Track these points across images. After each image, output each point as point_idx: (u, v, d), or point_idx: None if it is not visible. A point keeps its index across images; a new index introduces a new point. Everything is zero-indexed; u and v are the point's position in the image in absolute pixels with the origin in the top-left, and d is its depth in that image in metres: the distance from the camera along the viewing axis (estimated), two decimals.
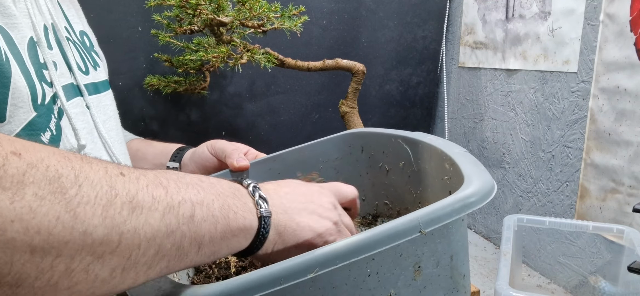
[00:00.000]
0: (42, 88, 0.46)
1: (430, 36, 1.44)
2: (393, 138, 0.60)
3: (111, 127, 0.60)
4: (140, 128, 1.14)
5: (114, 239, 0.30)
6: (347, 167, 0.66)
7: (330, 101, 1.32)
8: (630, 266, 0.75)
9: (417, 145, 0.57)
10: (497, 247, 1.31)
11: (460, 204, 0.38)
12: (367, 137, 0.65)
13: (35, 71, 0.46)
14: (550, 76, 1.10)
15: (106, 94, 0.62)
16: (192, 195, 0.36)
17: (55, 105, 0.48)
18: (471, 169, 0.45)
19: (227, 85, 1.22)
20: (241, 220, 0.38)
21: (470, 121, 1.40)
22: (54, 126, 0.47)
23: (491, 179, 0.43)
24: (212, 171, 0.66)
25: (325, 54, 1.25)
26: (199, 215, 0.35)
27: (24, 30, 0.46)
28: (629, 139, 0.90)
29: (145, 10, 0.96)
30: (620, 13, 0.91)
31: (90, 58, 0.61)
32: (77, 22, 0.63)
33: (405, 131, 0.60)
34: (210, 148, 0.67)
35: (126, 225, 0.31)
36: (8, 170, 0.26)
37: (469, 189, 0.40)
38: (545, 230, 1.11)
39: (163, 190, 0.34)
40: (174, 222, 0.33)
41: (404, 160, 0.59)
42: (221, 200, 0.38)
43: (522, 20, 1.17)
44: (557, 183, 1.10)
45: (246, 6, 0.90)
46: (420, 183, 0.57)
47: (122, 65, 1.08)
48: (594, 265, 1.00)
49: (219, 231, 0.37)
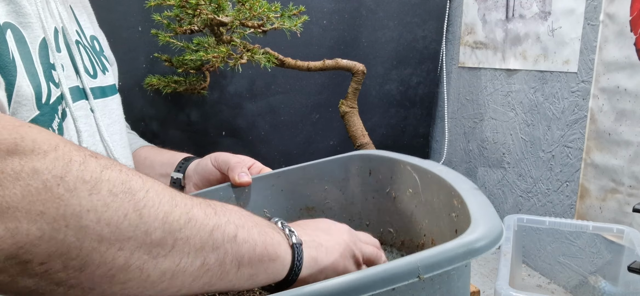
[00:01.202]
0: (48, 88, 0.47)
1: (430, 36, 1.44)
2: (402, 165, 0.58)
3: (115, 131, 0.60)
4: (140, 128, 1.14)
5: (169, 243, 0.33)
6: (353, 189, 0.64)
7: (330, 101, 1.32)
8: (630, 266, 0.75)
9: (426, 175, 0.54)
10: (497, 247, 1.31)
11: (463, 250, 0.36)
12: (376, 160, 0.62)
13: (44, 71, 0.47)
14: (550, 76, 1.10)
15: (113, 99, 0.63)
16: (235, 218, 0.38)
17: (60, 105, 0.49)
18: (479, 211, 0.42)
19: (227, 85, 1.22)
20: (277, 246, 0.41)
21: (470, 121, 1.40)
22: (56, 126, 0.47)
23: (500, 223, 0.40)
24: (215, 183, 0.65)
25: (325, 54, 1.25)
26: (241, 236, 0.38)
27: (37, 30, 0.47)
28: (629, 139, 0.90)
29: (145, 10, 0.96)
30: (620, 13, 0.91)
31: (99, 62, 0.62)
32: (89, 26, 0.64)
33: (417, 158, 0.57)
34: (213, 161, 0.67)
35: (181, 233, 0.33)
36: (88, 166, 0.30)
37: (474, 234, 0.37)
38: (545, 230, 1.11)
39: (212, 210, 0.37)
40: (219, 238, 0.36)
41: (412, 188, 0.56)
42: (259, 227, 0.40)
43: (522, 20, 1.17)
44: (557, 183, 1.10)
45: (246, 6, 0.90)
46: (427, 215, 0.55)
47: (122, 65, 1.07)
48: (594, 265, 1.00)
49: (258, 254, 0.39)
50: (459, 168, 1.47)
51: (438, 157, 1.58)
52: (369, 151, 0.64)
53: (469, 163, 1.43)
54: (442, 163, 1.54)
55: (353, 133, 1.07)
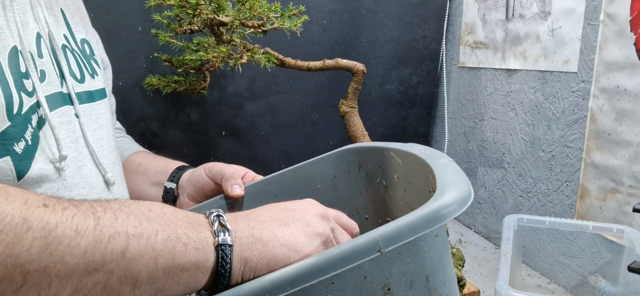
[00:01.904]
0: (20, 98, 0.44)
1: (430, 36, 1.44)
2: (386, 152, 0.58)
3: (102, 136, 0.58)
4: (140, 128, 1.14)
5: (18, 279, 0.28)
6: (346, 185, 0.63)
7: (330, 101, 1.32)
8: (630, 266, 0.75)
9: (407, 157, 0.54)
10: (497, 247, 1.31)
11: (425, 219, 0.34)
12: (363, 152, 0.62)
13: (15, 80, 0.44)
14: (550, 76, 1.10)
15: (101, 103, 0.61)
16: (130, 227, 0.33)
17: (34, 114, 0.46)
18: (447, 179, 0.41)
19: (227, 85, 1.22)
20: (192, 253, 0.35)
21: (470, 121, 1.40)
22: (29, 136, 0.45)
23: (467, 188, 0.39)
24: (210, 194, 0.65)
25: (325, 54, 1.25)
26: (133, 249, 0.32)
27: (7, 39, 0.45)
28: (629, 139, 0.90)
29: (145, 10, 0.96)
30: (620, 13, 0.91)
31: (88, 66, 0.60)
32: (81, 29, 0.62)
33: (398, 143, 0.58)
34: (207, 172, 0.65)
35: (33, 264, 0.28)
36: None
37: (437, 202, 0.36)
38: (545, 230, 1.11)
39: (94, 221, 0.32)
40: (98, 258, 0.31)
41: (397, 173, 0.56)
42: (169, 230, 0.35)
43: (522, 20, 1.17)
44: (557, 183, 1.10)
45: (246, 6, 0.90)
46: (414, 197, 0.54)
47: (122, 65, 1.08)
48: (594, 265, 1.00)
49: (161, 267, 0.33)
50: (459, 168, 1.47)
51: None
52: (354, 145, 0.64)
53: (469, 163, 1.43)
54: None
55: (353, 133, 1.07)
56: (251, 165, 1.08)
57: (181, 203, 0.68)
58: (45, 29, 0.52)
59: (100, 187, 0.55)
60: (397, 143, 0.58)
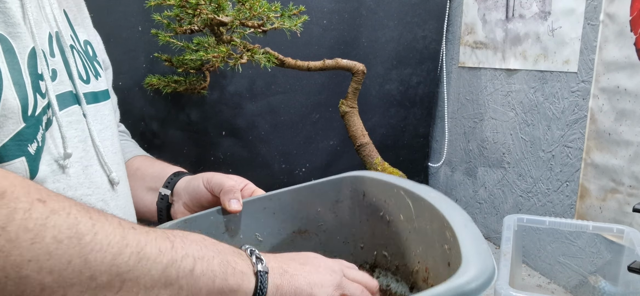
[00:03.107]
0: (35, 99, 0.45)
1: (430, 36, 1.44)
2: (396, 189, 0.56)
3: (106, 137, 0.59)
4: (140, 128, 1.14)
5: (116, 285, 0.33)
6: (347, 212, 0.62)
7: (330, 101, 1.32)
8: (630, 266, 0.75)
9: (420, 202, 0.52)
10: (497, 247, 1.31)
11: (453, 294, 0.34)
12: (369, 183, 0.61)
13: (32, 82, 0.45)
14: (550, 76, 1.10)
15: (105, 104, 0.61)
16: (195, 251, 0.38)
17: (45, 115, 0.47)
18: (471, 248, 0.41)
19: (227, 85, 1.22)
20: (239, 276, 0.41)
21: (470, 121, 1.40)
22: (40, 137, 0.46)
23: (492, 263, 0.39)
24: (207, 205, 0.64)
25: (326, 54, 1.25)
26: (198, 269, 0.38)
27: (27, 40, 0.46)
28: (629, 139, 0.90)
29: (145, 10, 0.96)
30: (620, 13, 0.91)
31: (92, 67, 0.61)
32: (82, 31, 0.63)
33: (410, 182, 0.56)
34: (206, 183, 0.64)
35: (130, 274, 0.33)
36: (33, 213, 0.30)
37: (465, 276, 0.36)
38: (545, 230, 1.11)
39: (170, 244, 0.37)
40: (173, 274, 0.36)
41: (405, 214, 0.55)
42: (222, 256, 0.41)
43: (522, 20, 1.17)
44: (557, 183, 1.10)
45: (246, 6, 0.90)
46: (421, 243, 0.53)
47: (122, 65, 1.08)
48: (594, 265, 1.00)
49: (217, 286, 0.39)
50: (459, 168, 1.47)
51: (438, 157, 1.58)
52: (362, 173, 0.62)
53: (469, 163, 1.43)
54: (442, 163, 1.55)
55: (353, 133, 1.07)
56: (251, 164, 1.08)
57: (175, 210, 0.68)
58: (54, 29, 0.52)
59: (105, 187, 0.55)
60: (408, 181, 0.56)
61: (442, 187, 1.58)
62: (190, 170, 1.21)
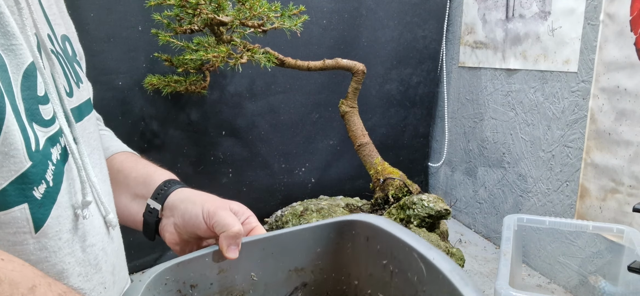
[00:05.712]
0: (33, 131, 0.37)
1: (431, 36, 1.44)
2: (407, 248, 0.52)
3: (95, 163, 0.49)
4: (140, 128, 1.14)
5: None
6: (347, 254, 0.59)
7: (330, 101, 1.32)
8: (630, 266, 0.75)
9: (436, 274, 0.49)
10: (497, 247, 1.31)
11: None
12: (377, 231, 0.57)
13: (26, 109, 0.36)
14: (550, 76, 1.10)
15: (89, 119, 0.50)
16: None
17: (54, 147, 0.39)
18: None
19: (227, 85, 1.22)
20: None
21: (470, 121, 1.40)
22: (51, 176, 0.38)
23: None
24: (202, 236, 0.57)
25: (325, 54, 1.25)
26: None
27: (24, 54, 0.37)
28: (629, 139, 0.90)
29: (145, 10, 0.96)
30: (620, 13, 0.91)
31: (72, 72, 0.49)
32: (60, 23, 0.50)
33: (424, 244, 0.52)
34: (206, 218, 0.55)
35: None
36: None
37: None
38: (545, 230, 1.11)
39: None
40: None
41: (417, 276, 0.51)
42: None
43: (522, 20, 1.17)
44: (557, 183, 1.10)
45: (246, 6, 0.90)
46: None
47: (122, 65, 1.08)
48: (594, 265, 1.00)
49: None
50: (459, 168, 1.47)
51: (438, 157, 1.58)
52: (372, 221, 0.59)
53: (469, 163, 1.43)
54: (442, 162, 1.55)
55: (353, 133, 1.07)
56: (251, 164, 1.08)
57: (164, 226, 0.59)
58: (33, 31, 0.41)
59: (102, 232, 0.46)
60: (421, 240, 0.52)
61: (442, 187, 1.58)
62: (190, 170, 1.22)
